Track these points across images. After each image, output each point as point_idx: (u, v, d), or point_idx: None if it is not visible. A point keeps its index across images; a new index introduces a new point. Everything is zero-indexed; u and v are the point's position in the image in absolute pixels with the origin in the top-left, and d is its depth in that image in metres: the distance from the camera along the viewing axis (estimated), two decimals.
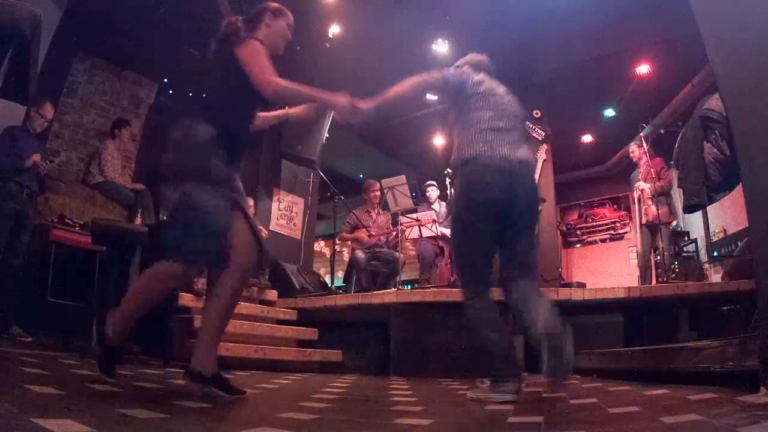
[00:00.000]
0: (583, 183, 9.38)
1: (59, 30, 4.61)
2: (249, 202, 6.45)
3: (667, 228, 5.31)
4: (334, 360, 4.26)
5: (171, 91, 6.48)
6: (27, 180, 3.77)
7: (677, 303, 4.09)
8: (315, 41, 5.54)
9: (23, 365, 2.14)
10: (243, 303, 4.63)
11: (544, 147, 6.24)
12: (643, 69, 6.02)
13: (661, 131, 5.89)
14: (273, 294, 4.93)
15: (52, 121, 4.50)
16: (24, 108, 4.03)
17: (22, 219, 3.72)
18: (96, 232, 3.78)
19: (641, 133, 5.68)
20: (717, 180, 3.35)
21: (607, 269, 8.73)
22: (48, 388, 1.57)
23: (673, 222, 5.57)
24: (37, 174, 3.83)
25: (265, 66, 1.97)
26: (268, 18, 2.17)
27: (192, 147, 1.94)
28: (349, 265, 5.56)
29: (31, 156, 3.74)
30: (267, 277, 4.93)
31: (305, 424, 1.48)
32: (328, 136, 5.73)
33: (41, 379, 1.82)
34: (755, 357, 1.78)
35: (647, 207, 5.47)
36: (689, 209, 3.96)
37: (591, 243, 9.50)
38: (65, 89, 5.32)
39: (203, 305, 2.05)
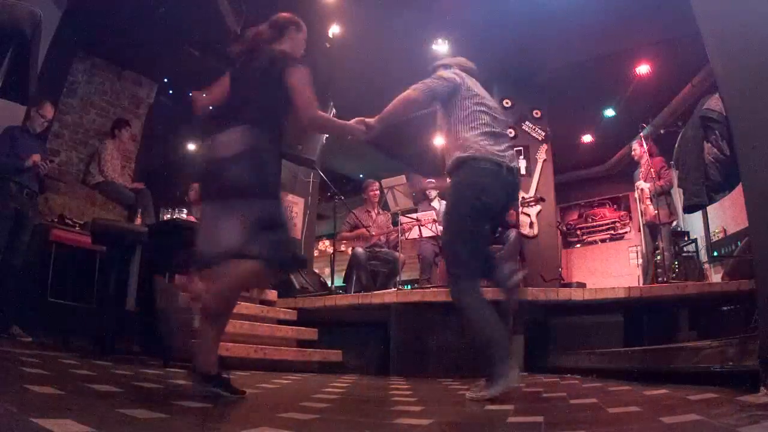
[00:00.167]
0: (583, 183, 9.37)
1: (59, 30, 4.61)
2: None
3: (667, 228, 5.30)
4: (334, 360, 4.25)
5: (171, 91, 6.49)
6: (27, 180, 3.77)
7: (677, 303, 4.08)
8: (315, 41, 5.52)
9: (23, 365, 2.14)
10: (243, 303, 4.63)
11: (544, 147, 6.23)
12: (643, 69, 6.02)
13: (661, 131, 5.89)
14: (273, 294, 4.93)
15: (52, 121, 4.50)
16: (24, 108, 4.03)
17: (22, 219, 3.72)
18: (96, 232, 3.79)
19: (641, 133, 5.69)
20: (717, 180, 3.35)
21: (607, 269, 8.72)
22: (48, 388, 1.57)
23: (674, 222, 5.56)
24: (37, 174, 3.82)
25: (311, 97, 2.13)
26: (293, 31, 2.28)
27: (264, 163, 2.06)
28: (349, 265, 5.55)
29: (31, 156, 3.74)
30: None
31: (305, 424, 1.49)
32: (327, 136, 5.73)
33: (41, 379, 1.82)
34: (755, 357, 1.78)
35: (645, 207, 5.47)
36: (689, 209, 3.96)
37: (591, 243, 9.50)
38: (65, 89, 5.33)
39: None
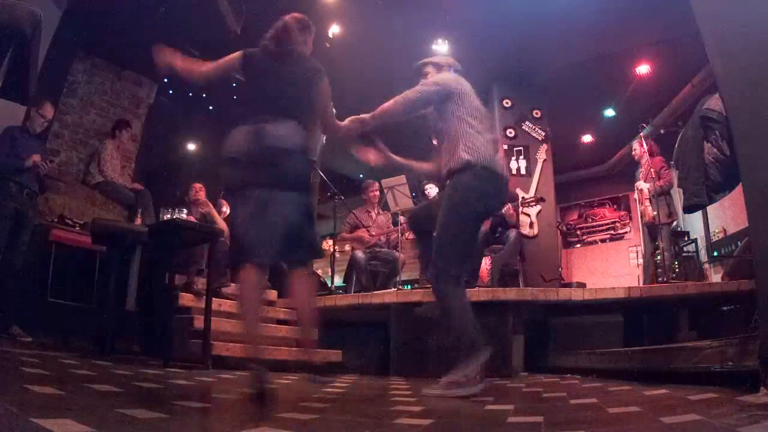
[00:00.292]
0: (583, 183, 9.36)
1: (59, 30, 4.61)
2: None
3: (667, 228, 5.29)
4: (334, 360, 4.25)
5: (171, 91, 6.49)
6: (27, 180, 3.77)
7: (677, 303, 4.08)
8: (315, 41, 5.52)
9: (23, 365, 2.14)
10: None
11: (544, 147, 6.22)
12: (643, 69, 6.01)
13: (661, 131, 5.88)
14: (273, 294, 4.93)
15: (52, 121, 4.50)
16: (24, 108, 4.03)
17: (22, 219, 3.71)
18: (96, 232, 3.79)
19: (641, 133, 5.68)
20: (717, 180, 3.35)
21: (607, 269, 8.71)
22: (48, 388, 1.57)
23: (673, 222, 5.55)
24: (37, 174, 3.82)
25: (332, 108, 2.33)
26: (312, 33, 2.43)
27: (311, 161, 2.19)
28: (349, 265, 5.55)
29: (31, 156, 3.74)
30: (267, 277, 4.92)
31: (305, 424, 1.48)
32: (326, 137, 5.71)
33: (41, 379, 1.82)
34: (755, 357, 1.78)
35: (644, 208, 5.46)
36: (689, 209, 3.95)
37: (591, 243, 9.49)
38: (65, 89, 5.33)
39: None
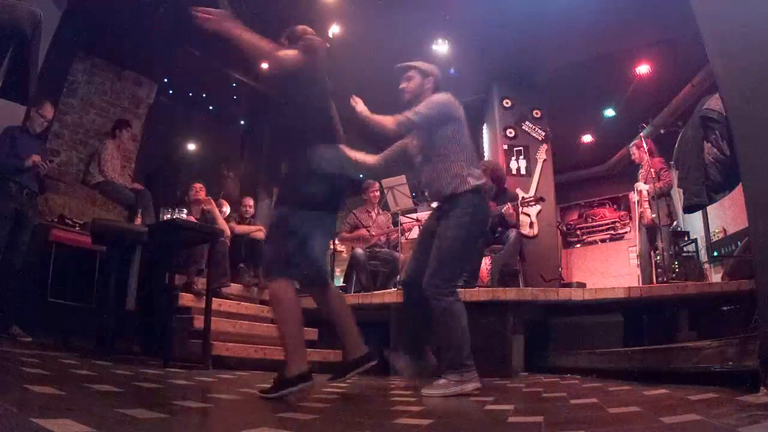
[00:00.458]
0: (583, 183, 9.36)
1: (59, 30, 4.60)
2: (249, 202, 6.39)
3: (667, 229, 5.28)
4: (334, 360, 4.25)
5: (171, 91, 6.49)
6: (27, 180, 3.77)
7: (677, 303, 4.08)
8: None
9: (23, 365, 2.14)
10: (243, 303, 4.63)
11: (544, 147, 6.23)
12: (643, 69, 6.01)
13: (661, 131, 5.87)
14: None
15: (52, 121, 4.49)
16: (24, 108, 4.02)
17: (22, 219, 3.71)
18: (96, 232, 3.79)
19: (641, 133, 5.68)
20: (717, 180, 3.34)
21: (607, 269, 8.71)
22: (48, 388, 1.57)
23: (673, 223, 5.54)
24: (37, 174, 3.82)
25: None
26: None
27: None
28: (349, 264, 5.55)
29: (31, 156, 3.74)
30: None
31: (305, 424, 1.48)
32: None
33: (41, 379, 1.82)
34: (755, 357, 1.77)
35: (644, 210, 5.44)
36: (689, 209, 3.95)
37: (591, 243, 9.49)
38: (65, 89, 5.33)
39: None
